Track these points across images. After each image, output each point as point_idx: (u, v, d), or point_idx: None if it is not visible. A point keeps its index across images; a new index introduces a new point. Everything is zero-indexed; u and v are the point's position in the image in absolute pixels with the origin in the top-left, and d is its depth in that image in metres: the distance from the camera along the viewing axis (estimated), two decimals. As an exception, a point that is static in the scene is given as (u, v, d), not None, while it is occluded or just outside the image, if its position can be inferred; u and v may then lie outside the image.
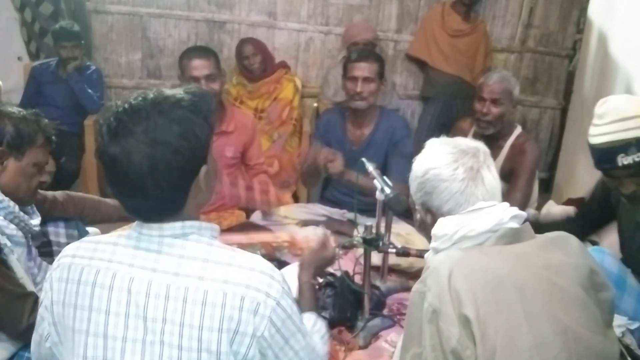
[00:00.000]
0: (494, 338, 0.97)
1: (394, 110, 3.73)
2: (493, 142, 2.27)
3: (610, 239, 2.03)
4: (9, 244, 1.43)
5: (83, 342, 0.98)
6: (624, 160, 1.48)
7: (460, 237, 1.12)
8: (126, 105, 0.97)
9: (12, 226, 1.46)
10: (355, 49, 3.45)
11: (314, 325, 1.25)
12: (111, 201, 1.97)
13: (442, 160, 1.18)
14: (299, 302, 1.37)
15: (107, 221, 1.94)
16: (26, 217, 1.51)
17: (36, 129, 1.50)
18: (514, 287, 1.01)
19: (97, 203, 1.94)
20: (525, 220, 1.16)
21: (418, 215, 1.26)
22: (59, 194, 1.83)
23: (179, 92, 1.01)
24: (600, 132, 1.52)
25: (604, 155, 1.52)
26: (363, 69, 2.34)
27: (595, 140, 1.53)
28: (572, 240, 1.15)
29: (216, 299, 0.94)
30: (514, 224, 1.13)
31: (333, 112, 2.65)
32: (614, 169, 1.52)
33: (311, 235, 1.55)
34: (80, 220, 1.87)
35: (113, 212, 1.94)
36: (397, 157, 2.36)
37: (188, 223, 1.01)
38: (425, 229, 1.25)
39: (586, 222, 1.94)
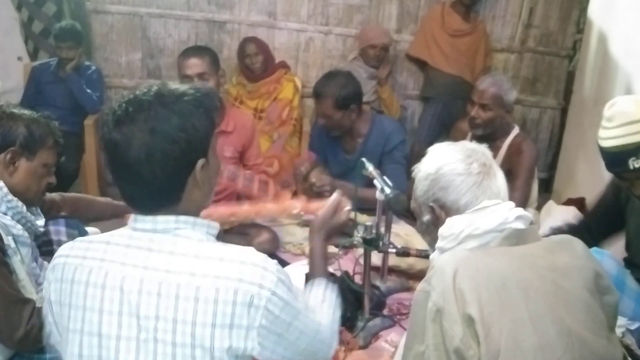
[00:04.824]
0: (498, 338, 0.97)
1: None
2: (491, 142, 2.27)
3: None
4: (12, 245, 1.43)
5: (78, 342, 0.99)
6: (635, 163, 1.47)
7: (465, 235, 1.12)
8: (131, 96, 1.01)
9: (19, 226, 1.47)
10: (373, 51, 3.50)
11: (325, 292, 1.26)
12: (104, 199, 2.01)
13: (455, 156, 1.20)
14: (309, 267, 1.39)
15: (101, 219, 1.97)
16: (32, 217, 1.53)
17: (47, 131, 1.54)
18: (518, 287, 1.01)
19: (90, 201, 1.98)
20: (531, 222, 1.16)
21: (425, 218, 1.25)
22: (54, 195, 1.85)
23: (184, 86, 1.04)
24: (610, 135, 1.51)
25: (616, 159, 1.52)
26: (320, 108, 2.43)
27: (605, 144, 1.53)
28: (577, 243, 1.15)
29: (208, 294, 0.95)
30: (520, 225, 1.13)
31: None
32: (625, 172, 1.52)
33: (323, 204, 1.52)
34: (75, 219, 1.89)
35: (106, 209, 1.97)
36: (391, 164, 2.37)
37: (182, 218, 1.02)
38: (430, 232, 1.25)
39: (598, 227, 1.91)
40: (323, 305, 1.22)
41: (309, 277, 1.37)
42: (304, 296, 1.11)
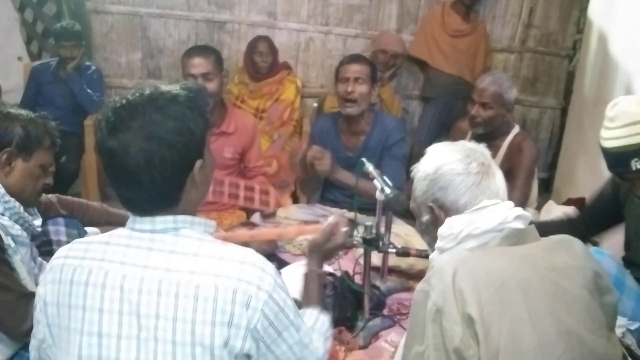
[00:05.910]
0: (498, 338, 0.97)
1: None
2: (491, 141, 2.28)
3: (611, 239, 2.02)
4: (12, 244, 1.44)
5: (77, 342, 0.98)
6: (637, 164, 1.47)
7: (465, 235, 1.12)
8: (124, 101, 1.00)
9: (17, 226, 1.47)
10: (383, 56, 3.52)
11: (316, 322, 1.24)
12: (98, 205, 2.01)
13: (453, 156, 1.20)
14: (303, 292, 1.36)
15: (95, 225, 1.97)
16: (30, 217, 1.53)
17: (44, 132, 1.53)
18: (518, 287, 1.01)
19: (85, 207, 1.96)
20: (531, 222, 1.16)
21: (424, 218, 1.25)
22: (50, 196, 1.85)
23: (175, 88, 1.03)
24: (613, 135, 1.51)
25: (618, 159, 1.52)
26: (354, 71, 2.37)
27: (607, 144, 1.52)
28: (577, 243, 1.16)
29: (208, 292, 0.95)
30: (519, 224, 1.13)
31: (327, 119, 2.66)
32: (627, 173, 1.52)
33: (320, 225, 1.51)
34: None
35: (100, 216, 1.97)
36: (389, 159, 2.37)
37: (180, 217, 1.02)
38: (430, 232, 1.25)
39: (593, 221, 1.92)
40: (313, 334, 1.18)
41: (302, 302, 1.33)
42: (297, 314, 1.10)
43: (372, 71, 2.42)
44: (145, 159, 0.96)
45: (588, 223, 1.92)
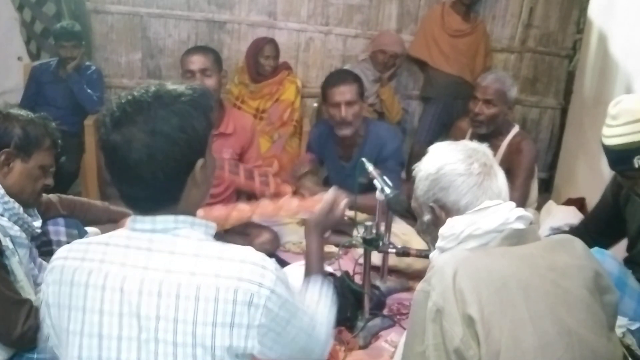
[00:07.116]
0: (499, 338, 0.97)
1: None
2: (491, 141, 2.28)
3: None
4: (11, 246, 1.43)
5: (77, 343, 0.99)
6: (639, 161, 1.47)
7: (466, 235, 1.12)
8: (129, 97, 1.00)
9: (16, 227, 1.47)
10: (382, 56, 3.51)
11: (320, 291, 1.26)
12: (100, 203, 2.01)
13: (455, 156, 1.20)
14: (305, 265, 1.39)
15: (97, 223, 1.98)
16: (29, 218, 1.53)
17: (43, 132, 1.53)
18: (518, 287, 1.01)
19: (86, 205, 1.97)
20: (531, 222, 1.16)
21: (426, 218, 1.25)
22: (51, 196, 1.85)
23: (180, 87, 1.04)
24: (615, 133, 1.51)
25: (620, 157, 1.51)
26: (344, 93, 2.34)
27: (609, 142, 1.52)
28: (577, 242, 1.15)
29: (209, 293, 0.95)
30: (520, 225, 1.13)
31: (323, 127, 2.65)
32: (629, 170, 1.52)
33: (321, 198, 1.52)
34: None
35: (102, 214, 1.97)
36: (385, 171, 2.36)
37: (181, 218, 1.02)
38: (431, 232, 1.25)
39: (597, 230, 1.91)
40: (319, 305, 1.21)
41: (305, 276, 1.37)
42: (300, 295, 1.11)
43: (359, 87, 2.39)
44: (148, 154, 0.96)
45: (593, 232, 1.90)
